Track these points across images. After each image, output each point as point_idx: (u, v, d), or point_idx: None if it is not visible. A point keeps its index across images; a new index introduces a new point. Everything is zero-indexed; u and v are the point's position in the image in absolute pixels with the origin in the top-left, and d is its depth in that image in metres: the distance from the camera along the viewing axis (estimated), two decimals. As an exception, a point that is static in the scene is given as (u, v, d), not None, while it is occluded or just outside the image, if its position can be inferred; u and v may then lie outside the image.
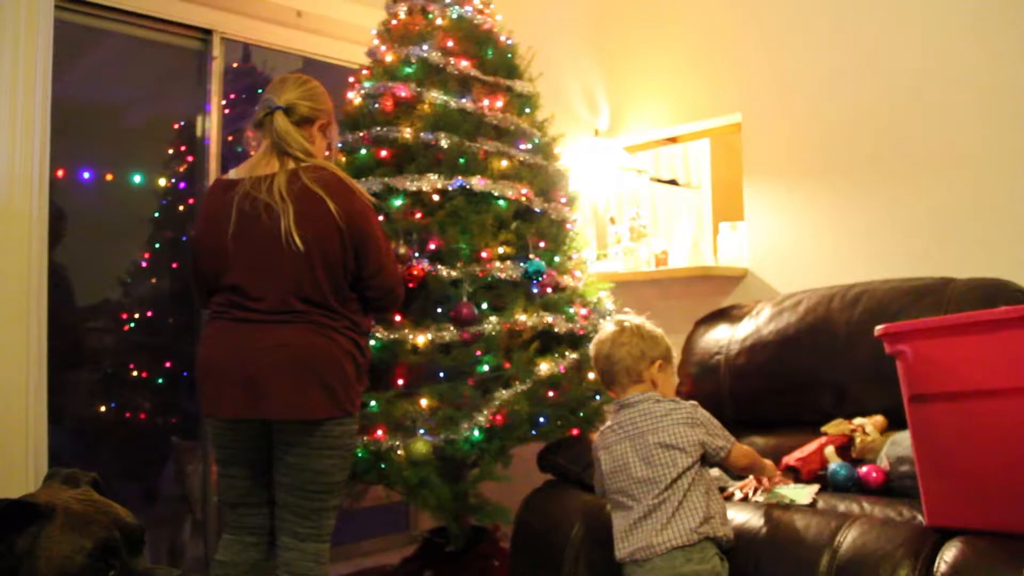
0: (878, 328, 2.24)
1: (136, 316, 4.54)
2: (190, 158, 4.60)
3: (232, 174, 2.57)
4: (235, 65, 5.03)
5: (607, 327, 2.59)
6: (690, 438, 2.32)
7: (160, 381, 4.46)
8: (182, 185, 4.70)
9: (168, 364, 4.44)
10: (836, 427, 2.88)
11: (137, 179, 4.58)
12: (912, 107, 3.38)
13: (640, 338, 2.52)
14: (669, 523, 2.22)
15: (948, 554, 2.00)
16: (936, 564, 2.00)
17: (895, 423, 2.72)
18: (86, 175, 4.02)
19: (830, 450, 2.80)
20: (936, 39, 3.32)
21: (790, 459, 2.82)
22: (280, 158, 2.48)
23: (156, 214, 4.84)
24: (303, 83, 2.63)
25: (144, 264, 4.80)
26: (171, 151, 4.81)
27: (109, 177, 4.32)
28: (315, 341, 2.36)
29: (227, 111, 4.55)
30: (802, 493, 2.55)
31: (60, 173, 3.84)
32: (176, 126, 4.80)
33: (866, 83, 3.51)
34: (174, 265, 4.62)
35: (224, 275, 2.45)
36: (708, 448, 2.33)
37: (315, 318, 2.38)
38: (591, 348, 2.61)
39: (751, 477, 2.67)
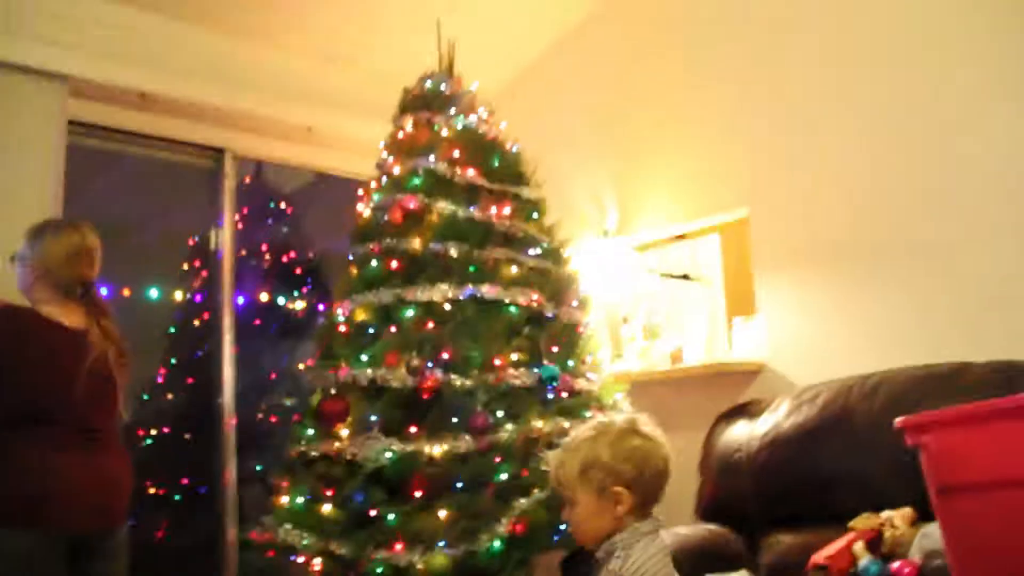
0: (897, 421, 2.20)
1: (152, 433, 4.54)
2: (205, 272, 4.65)
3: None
4: (247, 180, 5.13)
5: (648, 424, 1.98)
6: None
7: (177, 498, 4.44)
8: (198, 299, 4.75)
9: (185, 480, 4.42)
10: (864, 521, 2.81)
11: (154, 293, 4.63)
12: (921, 192, 3.38)
13: None
14: None
15: (989, 657, 1.93)
16: (977, 668, 1.93)
17: (925, 515, 2.65)
18: (104, 291, 4.05)
19: (859, 546, 2.73)
20: (945, 127, 3.34)
21: (819, 557, 2.76)
22: None
23: (172, 329, 4.88)
24: None
25: (160, 380, 4.82)
26: (186, 265, 4.88)
27: (127, 292, 4.36)
28: None
29: (240, 225, 4.61)
30: None
31: (78, 291, 3.87)
32: (191, 241, 4.87)
33: (873, 171, 3.52)
34: (190, 380, 4.63)
35: None
36: None
37: None
38: (657, 449, 1.93)
39: None
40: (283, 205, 5.37)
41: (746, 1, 4.05)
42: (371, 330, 3.13)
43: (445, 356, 3.01)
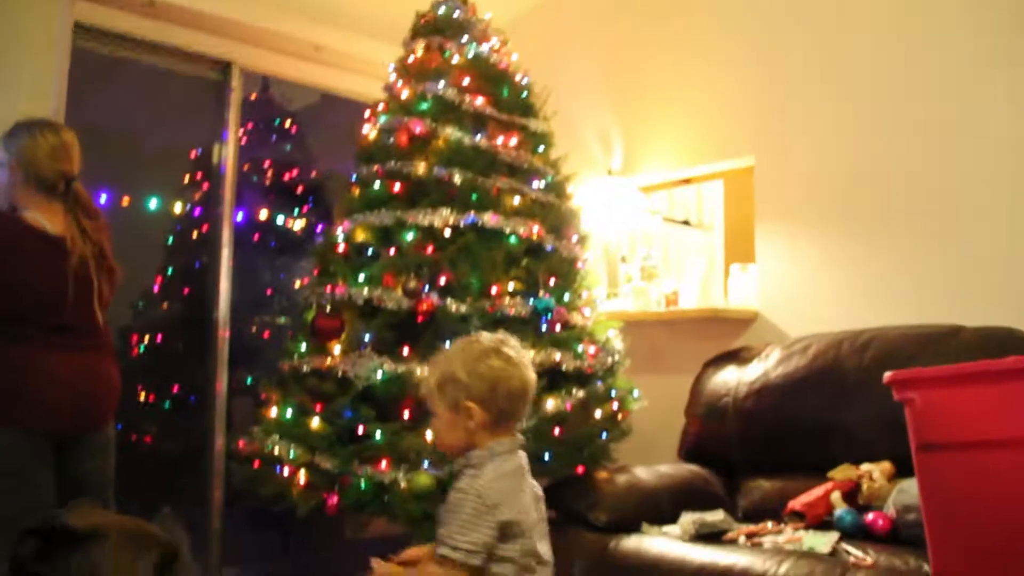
0: (887, 375, 2.22)
1: (146, 340, 4.56)
2: (206, 185, 4.63)
3: None
4: (253, 96, 5.08)
5: (514, 348, 1.99)
6: None
7: (167, 405, 4.47)
8: (197, 212, 4.74)
9: (175, 389, 4.45)
10: (843, 472, 2.86)
11: (153, 204, 4.61)
12: (925, 155, 3.38)
13: None
14: None
15: (953, 606, 1.98)
16: (941, 617, 1.97)
17: (903, 470, 2.69)
18: (103, 197, 4.04)
19: (836, 496, 2.78)
20: (951, 89, 3.33)
21: (796, 503, 2.81)
22: None
23: (170, 240, 4.88)
24: None
25: (156, 289, 4.83)
26: (187, 178, 4.86)
27: (126, 201, 4.34)
28: None
29: (244, 140, 4.59)
30: (822, 541, 2.53)
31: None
32: (193, 154, 4.84)
33: (879, 130, 3.52)
34: (185, 291, 4.63)
35: None
36: None
37: None
38: (515, 371, 1.94)
39: (764, 523, 2.63)
40: (288, 123, 5.33)
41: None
42: (370, 251, 3.14)
43: (442, 281, 3.01)
